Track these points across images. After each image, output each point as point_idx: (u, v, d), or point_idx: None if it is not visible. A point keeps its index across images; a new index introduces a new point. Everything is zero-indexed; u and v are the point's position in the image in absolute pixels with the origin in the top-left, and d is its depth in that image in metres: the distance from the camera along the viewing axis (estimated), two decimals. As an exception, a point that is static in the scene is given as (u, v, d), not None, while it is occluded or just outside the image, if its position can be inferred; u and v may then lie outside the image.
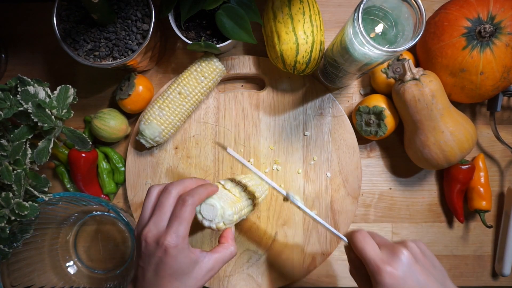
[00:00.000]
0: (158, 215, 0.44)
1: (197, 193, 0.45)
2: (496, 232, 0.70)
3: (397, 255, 0.42)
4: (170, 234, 0.42)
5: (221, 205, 0.48)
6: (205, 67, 0.62)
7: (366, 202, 0.70)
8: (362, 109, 0.64)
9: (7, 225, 0.49)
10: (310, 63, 0.60)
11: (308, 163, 0.67)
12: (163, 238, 0.42)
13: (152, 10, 0.57)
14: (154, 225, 0.44)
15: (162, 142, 0.64)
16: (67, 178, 0.67)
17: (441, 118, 0.58)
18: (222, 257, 0.46)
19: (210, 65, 0.62)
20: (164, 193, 0.45)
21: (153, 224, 0.44)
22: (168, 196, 0.45)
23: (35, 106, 0.49)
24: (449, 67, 0.59)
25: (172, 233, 0.42)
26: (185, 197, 0.44)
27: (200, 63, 0.62)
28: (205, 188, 0.47)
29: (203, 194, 0.46)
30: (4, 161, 0.49)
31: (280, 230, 0.66)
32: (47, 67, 0.69)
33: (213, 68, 0.62)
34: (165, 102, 0.62)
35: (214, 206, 0.47)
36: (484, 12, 0.57)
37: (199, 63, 0.62)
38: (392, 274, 0.41)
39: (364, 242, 0.45)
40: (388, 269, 0.41)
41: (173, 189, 0.45)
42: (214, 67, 0.62)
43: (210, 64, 0.62)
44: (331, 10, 0.70)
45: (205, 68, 0.62)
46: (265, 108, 0.67)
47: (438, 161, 0.60)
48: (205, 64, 0.62)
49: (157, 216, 0.44)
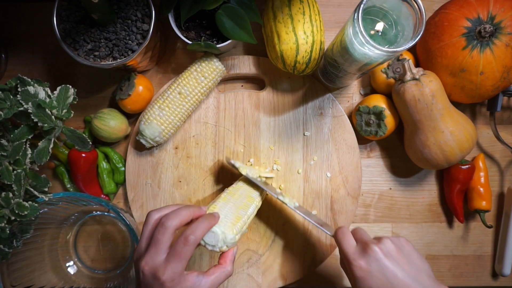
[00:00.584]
0: (154, 251, 0.44)
1: (199, 229, 0.45)
2: (496, 232, 0.70)
3: (367, 251, 0.46)
4: (168, 270, 0.43)
5: (222, 231, 0.49)
6: (205, 67, 0.62)
7: (366, 202, 0.70)
8: (362, 109, 0.64)
9: (7, 225, 0.49)
10: (310, 63, 0.60)
11: (308, 163, 0.67)
12: (161, 273, 0.43)
13: (152, 10, 0.57)
14: (150, 259, 0.44)
15: (162, 142, 0.64)
16: (67, 178, 0.67)
17: (441, 118, 0.58)
18: (218, 279, 0.47)
19: (210, 65, 0.62)
20: (160, 229, 0.45)
21: (149, 258, 0.44)
22: (164, 232, 0.44)
23: (35, 106, 0.49)
24: (449, 67, 0.59)
25: (169, 269, 0.43)
26: (188, 236, 0.44)
27: (200, 63, 0.62)
28: (207, 223, 0.47)
29: (205, 230, 0.46)
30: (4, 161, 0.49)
31: (280, 230, 0.66)
32: (47, 67, 0.69)
33: (213, 68, 0.62)
34: (165, 102, 0.62)
35: (215, 232, 0.48)
36: (484, 12, 0.57)
37: (199, 63, 0.62)
38: (361, 268, 0.45)
39: (342, 237, 0.49)
40: (358, 263, 0.46)
41: (169, 224, 0.45)
42: (214, 67, 0.62)
43: (210, 64, 0.62)
44: (331, 10, 0.70)
45: (205, 68, 0.62)
46: (265, 108, 0.67)
47: (438, 161, 0.60)
48: (205, 64, 0.62)
49: (153, 252, 0.44)
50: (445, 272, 0.69)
